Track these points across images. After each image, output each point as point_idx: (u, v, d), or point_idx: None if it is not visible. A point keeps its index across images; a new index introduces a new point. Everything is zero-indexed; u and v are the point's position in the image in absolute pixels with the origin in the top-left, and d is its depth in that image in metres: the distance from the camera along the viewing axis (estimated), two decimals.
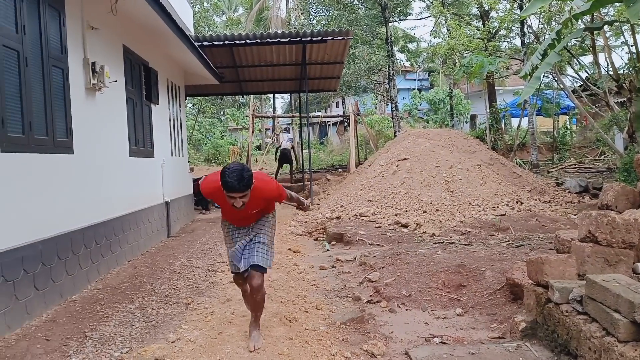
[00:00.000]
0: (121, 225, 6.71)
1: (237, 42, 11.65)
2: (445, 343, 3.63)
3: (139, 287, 5.46)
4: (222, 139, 31.30)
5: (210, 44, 11.59)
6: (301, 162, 19.16)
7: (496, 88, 21.03)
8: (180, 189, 10.30)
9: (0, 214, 4.06)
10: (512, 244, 6.34)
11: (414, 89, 39.01)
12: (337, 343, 3.68)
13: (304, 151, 19.79)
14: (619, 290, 2.68)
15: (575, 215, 8.40)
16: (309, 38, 11.40)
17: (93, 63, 5.91)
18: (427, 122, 28.96)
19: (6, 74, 4.22)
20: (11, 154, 4.24)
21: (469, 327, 3.95)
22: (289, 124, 37.93)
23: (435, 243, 6.59)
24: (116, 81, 6.67)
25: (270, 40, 11.59)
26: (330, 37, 11.33)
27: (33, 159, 4.61)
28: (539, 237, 6.75)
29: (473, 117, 29.38)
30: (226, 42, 11.61)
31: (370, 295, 4.85)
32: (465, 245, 6.34)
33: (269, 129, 38.52)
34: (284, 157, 17.40)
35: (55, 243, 4.90)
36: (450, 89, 22.82)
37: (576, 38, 12.58)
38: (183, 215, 10.39)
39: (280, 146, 17.87)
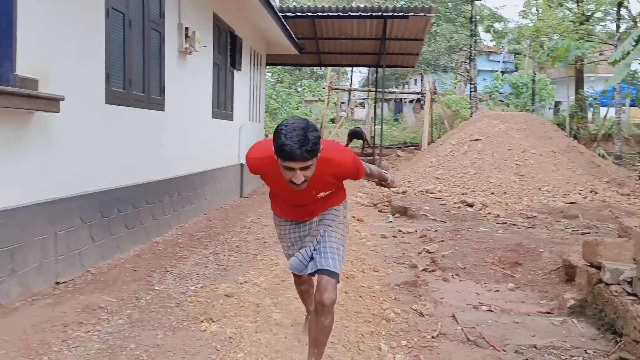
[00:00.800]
0: (200, 181, 7.27)
1: (319, 14, 11.91)
2: (491, 311, 3.81)
3: (213, 236, 5.97)
4: (298, 109, 31.86)
5: (294, 15, 11.95)
6: (372, 138, 19.32)
7: (587, 75, 20.01)
8: None
9: (101, 158, 4.62)
10: (578, 230, 6.29)
11: (496, 71, 37.69)
12: (389, 300, 3.96)
13: (376, 126, 19.91)
14: None
15: None
16: (390, 13, 11.46)
17: (186, 28, 6.37)
18: (507, 106, 28.00)
19: (113, 34, 4.73)
20: (113, 106, 4.78)
21: (519, 301, 4.10)
22: (364, 99, 37.93)
23: (498, 223, 6.66)
24: (205, 46, 7.14)
25: (352, 14, 11.77)
26: (411, 14, 11.34)
27: (131, 112, 5.14)
28: (608, 227, 6.62)
29: (557, 104, 28.10)
30: (309, 14, 11.91)
31: (427, 265, 5.07)
32: (528, 227, 6.37)
33: (344, 103, 38.75)
34: (355, 134, 17.71)
35: (144, 189, 5.46)
36: (534, 72, 21.95)
37: None
38: (256, 178, 10.90)
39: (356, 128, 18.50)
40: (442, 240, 5.85)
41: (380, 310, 3.70)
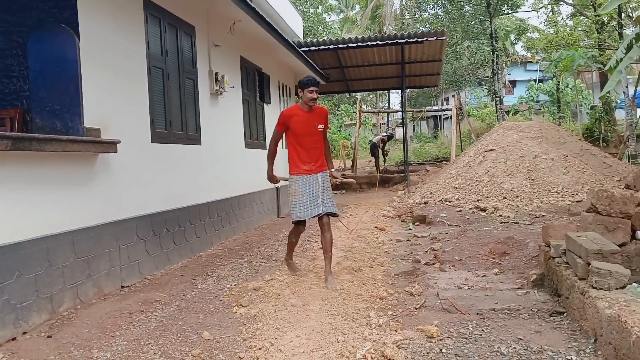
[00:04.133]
0: (237, 204, 8.30)
1: (340, 45, 12.95)
2: (470, 289, 4.58)
3: (249, 249, 6.95)
4: (339, 132, 33.02)
5: (317, 48, 13.02)
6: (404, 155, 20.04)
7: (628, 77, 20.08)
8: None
9: (151, 187, 5.70)
10: None
11: (534, 80, 37.79)
12: (386, 285, 4.79)
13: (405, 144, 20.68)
14: (582, 242, 3.51)
15: None
16: (405, 40, 12.35)
17: (216, 73, 7.49)
18: (543, 115, 28.20)
19: (154, 87, 5.86)
20: (157, 144, 5.88)
21: (499, 282, 4.84)
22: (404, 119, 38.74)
23: (501, 222, 7.35)
24: (233, 87, 8.25)
25: (370, 43, 12.72)
26: (425, 38, 12.19)
27: (172, 148, 6.24)
28: None
29: (593, 108, 28.08)
30: (330, 47, 12.97)
31: (429, 260, 5.86)
32: (528, 225, 7.03)
33: (384, 124, 39.70)
34: (371, 150, 18.28)
35: (188, 212, 6.52)
36: (557, 80, 22.36)
37: None
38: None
39: (372, 140, 19.01)
40: (448, 240, 6.61)
41: (376, 292, 4.54)
